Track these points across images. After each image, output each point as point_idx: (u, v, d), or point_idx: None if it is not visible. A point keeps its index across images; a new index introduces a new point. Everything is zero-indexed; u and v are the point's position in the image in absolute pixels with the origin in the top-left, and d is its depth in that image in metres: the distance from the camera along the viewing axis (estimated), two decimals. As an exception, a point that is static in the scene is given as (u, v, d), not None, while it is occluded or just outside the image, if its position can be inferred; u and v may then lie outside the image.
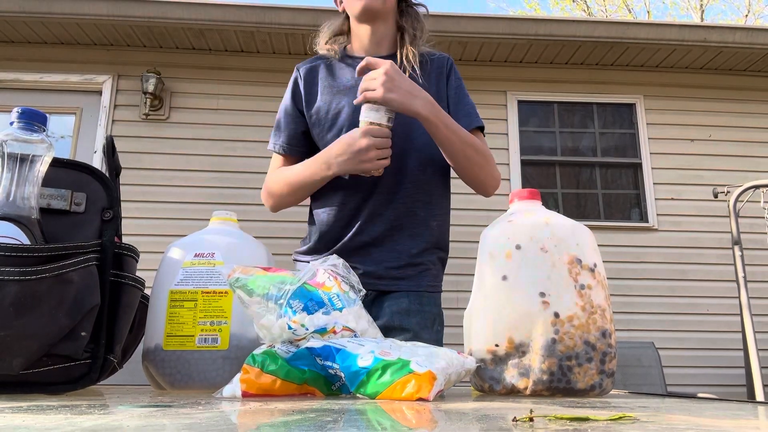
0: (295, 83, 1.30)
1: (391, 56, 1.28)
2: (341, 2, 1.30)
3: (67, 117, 4.18)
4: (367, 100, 1.05)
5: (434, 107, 1.11)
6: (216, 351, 0.79)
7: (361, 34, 1.28)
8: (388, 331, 1.11)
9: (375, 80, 1.04)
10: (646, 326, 4.04)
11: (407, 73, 1.22)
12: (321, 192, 1.22)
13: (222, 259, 0.83)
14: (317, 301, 0.67)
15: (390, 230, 1.19)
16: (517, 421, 0.38)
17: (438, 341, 1.22)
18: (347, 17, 1.31)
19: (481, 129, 1.27)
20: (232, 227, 0.90)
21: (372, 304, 1.16)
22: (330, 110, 1.24)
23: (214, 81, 4.26)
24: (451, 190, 1.30)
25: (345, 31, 1.33)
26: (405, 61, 1.25)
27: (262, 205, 1.30)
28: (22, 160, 0.67)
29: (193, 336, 0.79)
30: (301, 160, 1.23)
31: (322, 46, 1.30)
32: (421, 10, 1.33)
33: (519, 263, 0.73)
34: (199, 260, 0.83)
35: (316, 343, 0.63)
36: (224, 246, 0.85)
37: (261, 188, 1.30)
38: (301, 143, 1.28)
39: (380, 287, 1.17)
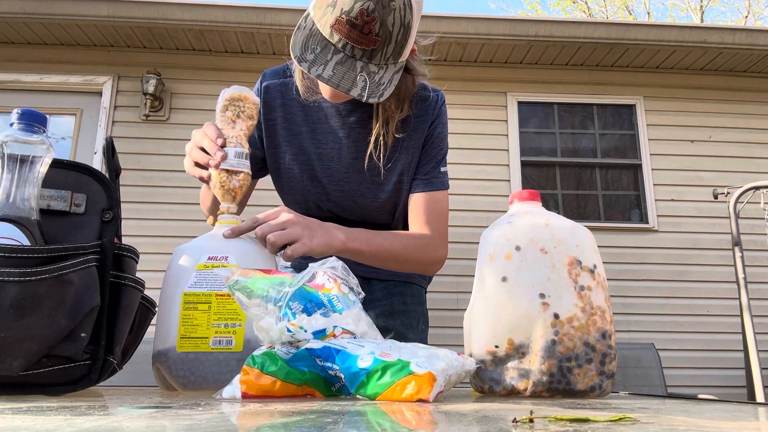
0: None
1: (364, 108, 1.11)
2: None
3: (67, 118, 4.19)
4: (291, 258, 0.87)
5: (349, 231, 0.97)
6: (230, 353, 0.79)
7: None
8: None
9: (285, 231, 0.86)
10: (646, 327, 4.04)
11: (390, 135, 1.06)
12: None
13: (236, 262, 0.83)
14: (316, 302, 0.67)
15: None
16: (517, 422, 0.38)
17: (423, 341, 1.22)
18: None
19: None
20: None
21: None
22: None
23: (214, 82, 4.26)
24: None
25: None
26: (384, 134, 1.08)
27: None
28: (22, 162, 0.67)
29: (207, 338, 0.79)
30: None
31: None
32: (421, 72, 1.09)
33: (519, 264, 0.73)
34: (212, 263, 0.83)
35: (316, 344, 0.63)
36: (237, 249, 0.85)
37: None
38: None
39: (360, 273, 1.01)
